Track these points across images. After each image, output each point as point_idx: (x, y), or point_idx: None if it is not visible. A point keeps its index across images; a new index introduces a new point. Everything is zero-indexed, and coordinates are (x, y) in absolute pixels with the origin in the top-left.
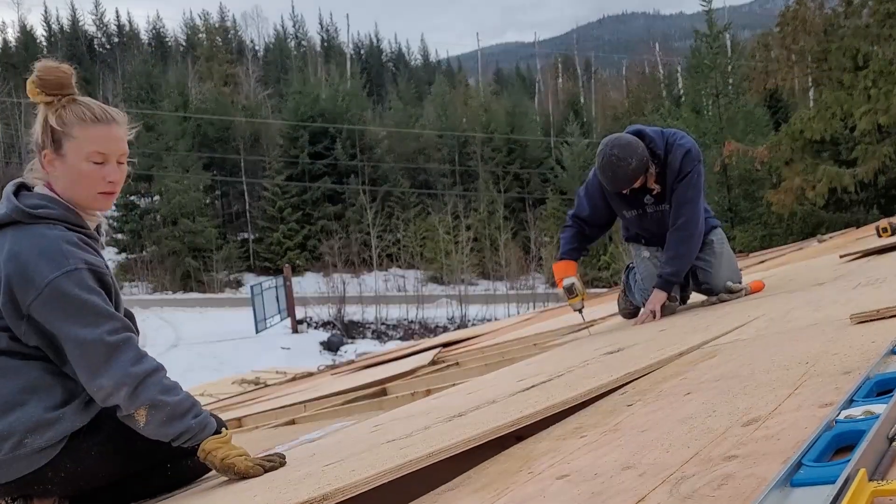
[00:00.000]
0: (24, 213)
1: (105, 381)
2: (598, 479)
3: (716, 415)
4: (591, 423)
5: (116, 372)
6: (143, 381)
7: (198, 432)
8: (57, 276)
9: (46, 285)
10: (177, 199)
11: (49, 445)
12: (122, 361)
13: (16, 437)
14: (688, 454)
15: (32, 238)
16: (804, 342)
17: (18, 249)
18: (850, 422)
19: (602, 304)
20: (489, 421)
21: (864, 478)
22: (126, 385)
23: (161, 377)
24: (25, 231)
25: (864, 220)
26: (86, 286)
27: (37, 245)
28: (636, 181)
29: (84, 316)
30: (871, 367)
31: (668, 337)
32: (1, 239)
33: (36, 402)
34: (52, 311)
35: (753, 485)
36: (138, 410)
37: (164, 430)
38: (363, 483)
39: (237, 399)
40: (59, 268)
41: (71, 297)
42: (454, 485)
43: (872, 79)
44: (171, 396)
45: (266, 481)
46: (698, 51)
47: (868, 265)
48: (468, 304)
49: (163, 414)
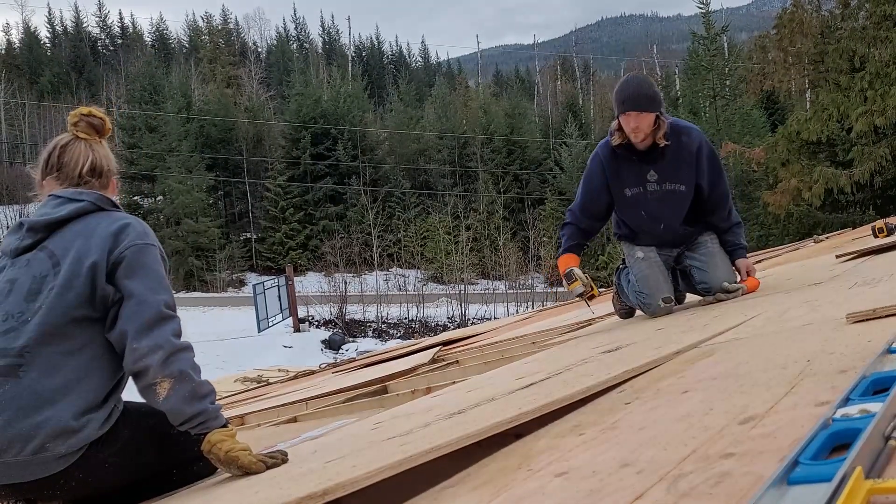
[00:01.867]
0: (109, 202)
1: (146, 342)
2: (596, 476)
3: (713, 413)
4: (589, 422)
5: (159, 336)
6: (178, 352)
7: (211, 418)
8: (144, 243)
9: (132, 246)
10: (180, 200)
11: (68, 453)
12: (167, 329)
13: (39, 440)
14: (685, 452)
15: (122, 217)
16: (801, 341)
17: (111, 221)
18: (847, 420)
19: (600, 304)
20: (488, 418)
21: (861, 476)
22: (163, 349)
23: (192, 356)
24: (112, 214)
25: (861, 220)
26: (159, 261)
27: (128, 220)
28: (655, 107)
29: (153, 281)
30: (867, 366)
31: (666, 335)
32: (87, 221)
33: (66, 404)
34: (129, 268)
35: (750, 482)
36: (162, 381)
37: (182, 407)
38: (363, 478)
39: (240, 397)
40: (144, 238)
41: (148, 262)
42: (454, 482)
43: (869, 80)
44: (198, 375)
45: (268, 477)
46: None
47: (864, 265)
48: (468, 304)
49: (186, 389)
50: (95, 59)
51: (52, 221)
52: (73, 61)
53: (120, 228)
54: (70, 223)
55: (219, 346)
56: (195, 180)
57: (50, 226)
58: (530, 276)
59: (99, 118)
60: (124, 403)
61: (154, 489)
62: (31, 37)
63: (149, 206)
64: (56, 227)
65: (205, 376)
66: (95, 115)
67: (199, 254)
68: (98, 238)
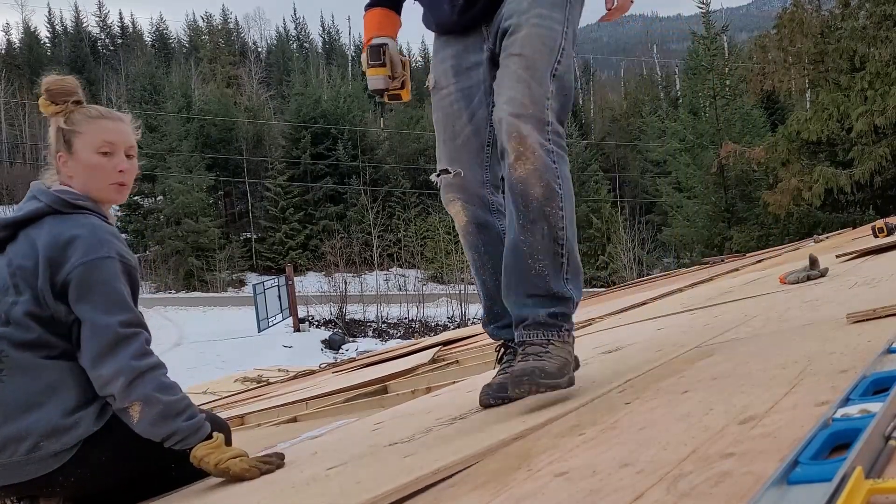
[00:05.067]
0: (64, 203)
1: (105, 370)
2: (596, 476)
3: (713, 413)
4: (589, 421)
5: (118, 362)
6: (140, 376)
7: (188, 435)
8: (92, 259)
9: (80, 265)
10: (180, 200)
11: (63, 450)
12: (126, 353)
13: (31, 440)
14: (685, 452)
15: (73, 225)
16: (801, 341)
17: (59, 232)
18: (847, 420)
19: (601, 304)
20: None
21: (861, 476)
22: (123, 376)
23: (160, 375)
24: (65, 219)
25: (861, 220)
26: (115, 275)
27: (77, 230)
28: None
29: (105, 302)
30: (867, 366)
31: (667, 336)
32: (40, 227)
33: (54, 405)
34: (78, 290)
35: (750, 482)
36: (133, 405)
37: (154, 429)
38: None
39: (240, 397)
40: (95, 252)
41: (99, 281)
42: (453, 482)
43: (869, 80)
44: (165, 395)
45: (269, 483)
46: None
47: (864, 265)
48: (468, 303)
49: (154, 412)
50: (95, 59)
51: (11, 222)
52: (73, 61)
53: (66, 242)
54: (29, 225)
55: (219, 345)
56: (195, 180)
57: (9, 226)
58: None
59: (44, 90)
60: None
61: (152, 486)
62: (31, 37)
63: (149, 206)
64: (17, 226)
65: (205, 377)
66: (43, 88)
67: (199, 254)
68: (43, 250)
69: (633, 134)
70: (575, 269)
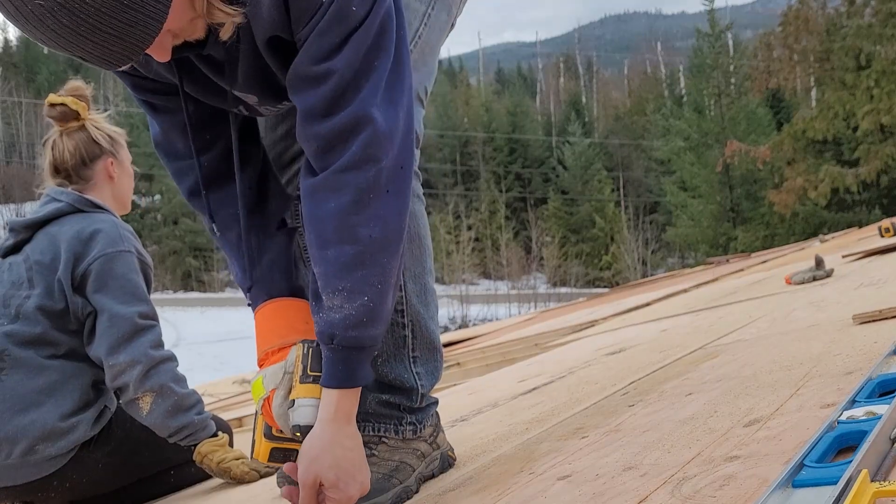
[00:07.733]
0: (86, 203)
1: (122, 357)
2: (599, 479)
3: (717, 415)
4: (592, 424)
5: (135, 350)
6: (157, 365)
7: (198, 430)
8: (112, 251)
9: (101, 256)
10: (178, 199)
11: (59, 454)
12: (143, 342)
13: (27, 443)
14: (689, 455)
15: (96, 220)
16: (806, 343)
17: (82, 227)
18: (853, 422)
19: (604, 305)
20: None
21: (867, 479)
22: (140, 364)
23: (174, 366)
24: (87, 216)
25: (867, 220)
26: (133, 268)
27: (100, 225)
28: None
29: (123, 293)
30: (873, 368)
31: (671, 337)
32: (61, 224)
33: (51, 407)
34: (97, 281)
35: (755, 485)
36: (144, 396)
37: (166, 421)
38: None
39: (238, 399)
40: (115, 246)
41: (117, 273)
42: (455, 485)
43: (875, 78)
44: (180, 387)
45: (269, 487)
46: (700, 50)
47: (870, 265)
48: (469, 304)
49: (169, 403)
50: None
51: (31, 223)
52: (69, 59)
53: (90, 235)
54: (48, 224)
55: (216, 346)
56: None
57: (29, 227)
58: (533, 277)
59: (60, 104)
60: (117, 404)
61: (151, 491)
62: None
63: (146, 205)
64: (36, 227)
65: (203, 378)
66: (55, 104)
67: (196, 253)
68: (66, 244)
69: (637, 132)
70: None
